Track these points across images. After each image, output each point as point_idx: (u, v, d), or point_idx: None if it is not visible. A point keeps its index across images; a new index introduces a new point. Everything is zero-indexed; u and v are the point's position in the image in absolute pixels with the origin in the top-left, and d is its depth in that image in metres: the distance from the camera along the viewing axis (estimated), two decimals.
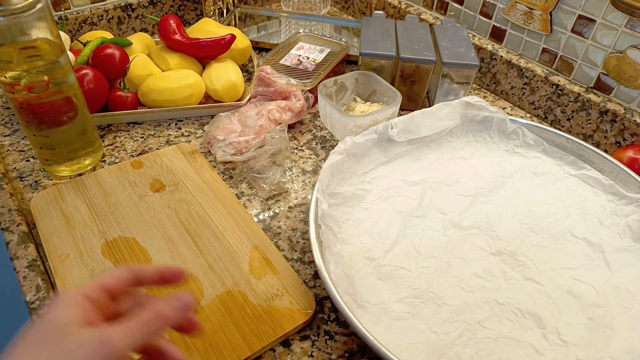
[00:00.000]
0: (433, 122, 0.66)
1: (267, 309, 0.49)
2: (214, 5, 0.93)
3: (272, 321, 0.48)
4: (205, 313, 0.48)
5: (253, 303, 0.49)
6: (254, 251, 0.55)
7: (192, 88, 0.74)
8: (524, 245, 0.56)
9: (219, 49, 0.78)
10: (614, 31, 0.69)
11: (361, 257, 0.53)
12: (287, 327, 0.48)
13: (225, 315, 0.48)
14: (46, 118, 0.58)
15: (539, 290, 0.51)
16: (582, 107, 0.75)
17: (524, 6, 0.78)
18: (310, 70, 0.80)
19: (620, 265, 0.54)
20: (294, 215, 0.62)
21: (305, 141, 0.74)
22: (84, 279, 0.50)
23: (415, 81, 0.78)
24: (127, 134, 0.73)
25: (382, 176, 0.63)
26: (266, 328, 0.47)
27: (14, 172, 0.65)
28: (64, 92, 0.57)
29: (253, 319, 0.48)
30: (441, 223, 0.58)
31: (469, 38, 0.80)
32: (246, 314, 0.48)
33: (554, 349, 0.46)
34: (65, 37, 0.75)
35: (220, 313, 0.48)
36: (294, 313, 0.49)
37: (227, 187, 0.63)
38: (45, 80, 0.55)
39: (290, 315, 0.49)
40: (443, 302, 0.49)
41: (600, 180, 0.63)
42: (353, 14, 1.10)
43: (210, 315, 0.48)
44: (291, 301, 0.50)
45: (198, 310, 0.48)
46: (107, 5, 0.90)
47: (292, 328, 0.48)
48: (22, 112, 0.57)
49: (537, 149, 0.68)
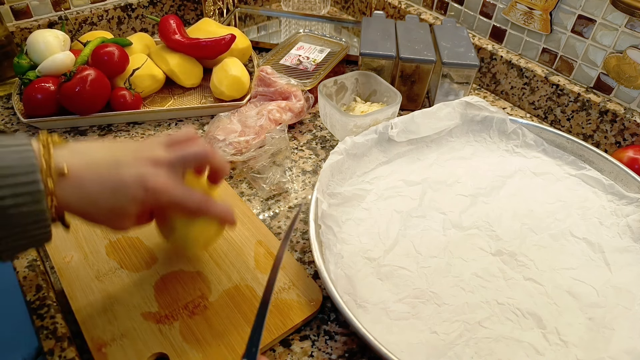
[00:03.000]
0: (433, 122, 0.66)
1: (275, 302, 0.49)
2: (214, 5, 0.93)
3: (280, 314, 0.48)
4: (214, 308, 0.48)
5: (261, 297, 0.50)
6: (258, 246, 0.55)
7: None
8: (524, 245, 0.56)
9: (219, 49, 0.78)
10: (614, 31, 0.69)
11: (361, 257, 0.53)
12: (296, 319, 0.48)
13: (235, 310, 0.48)
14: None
15: (539, 290, 0.51)
16: (582, 107, 0.75)
17: (524, 6, 0.78)
18: (310, 70, 0.80)
19: (620, 265, 0.54)
20: (294, 215, 0.62)
21: (305, 141, 0.74)
22: (91, 279, 0.50)
23: (415, 81, 0.78)
24: (127, 134, 0.73)
25: (382, 176, 0.63)
26: (275, 321, 0.48)
27: None
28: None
29: None
30: (441, 223, 0.58)
31: (469, 38, 0.80)
32: (255, 308, 0.49)
33: (554, 349, 0.46)
34: (65, 37, 0.75)
35: (229, 308, 0.49)
36: (301, 305, 0.49)
37: (227, 184, 0.63)
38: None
39: (298, 307, 0.49)
40: (443, 302, 0.49)
41: (600, 180, 0.63)
42: (353, 14, 1.10)
43: (220, 311, 0.48)
44: (298, 294, 0.50)
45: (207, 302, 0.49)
46: (107, 5, 0.90)
47: (301, 320, 0.48)
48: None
49: (537, 149, 0.68)
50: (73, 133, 0.72)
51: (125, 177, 0.38)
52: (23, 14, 0.84)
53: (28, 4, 0.83)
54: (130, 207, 0.39)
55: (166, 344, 0.45)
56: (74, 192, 0.36)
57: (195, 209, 0.42)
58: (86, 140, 0.71)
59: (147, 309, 0.48)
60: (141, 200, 0.39)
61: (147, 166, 0.39)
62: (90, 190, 0.37)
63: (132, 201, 0.38)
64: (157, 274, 0.51)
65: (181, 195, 0.40)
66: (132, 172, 0.38)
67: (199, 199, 0.42)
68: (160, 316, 0.47)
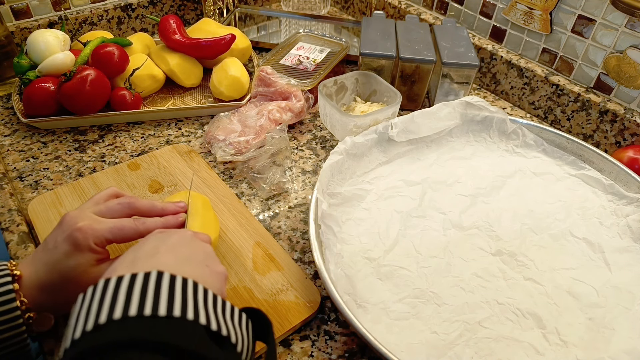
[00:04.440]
0: (433, 122, 0.66)
1: (273, 304, 0.49)
2: (214, 5, 0.93)
3: (279, 315, 0.48)
4: None
5: (259, 298, 0.50)
6: (256, 248, 0.55)
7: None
8: (524, 245, 0.56)
9: (219, 49, 0.78)
10: (614, 31, 0.69)
11: (361, 257, 0.53)
12: (294, 320, 0.48)
13: None
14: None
15: (539, 290, 0.51)
16: (582, 107, 0.75)
17: (524, 6, 0.78)
18: (310, 70, 0.80)
19: (620, 265, 0.54)
20: (294, 215, 0.62)
21: (305, 141, 0.74)
22: None
23: (415, 81, 0.78)
24: (127, 134, 0.73)
25: (382, 176, 0.63)
26: (273, 322, 0.47)
27: (14, 172, 0.65)
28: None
29: None
30: (441, 223, 0.58)
31: (469, 38, 0.80)
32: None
33: (554, 349, 0.46)
34: (65, 37, 0.75)
35: None
36: (299, 307, 0.49)
37: (225, 186, 0.63)
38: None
39: (296, 309, 0.49)
40: (443, 302, 0.49)
41: (600, 180, 0.63)
42: (353, 14, 1.10)
43: None
44: (296, 295, 0.50)
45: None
46: (107, 5, 0.90)
47: (299, 321, 0.48)
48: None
49: (537, 149, 0.68)
50: (73, 133, 0.72)
51: (59, 244, 0.42)
52: (23, 14, 0.84)
53: (28, 4, 0.83)
54: (75, 263, 0.41)
55: None
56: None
57: (134, 234, 0.44)
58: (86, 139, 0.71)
59: None
60: (78, 251, 0.41)
61: (73, 224, 0.42)
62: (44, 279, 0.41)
63: (71, 257, 0.41)
64: None
65: (109, 227, 0.43)
66: (61, 237, 0.42)
67: (129, 224, 0.44)
68: None
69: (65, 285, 0.41)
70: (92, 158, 0.68)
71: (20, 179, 0.64)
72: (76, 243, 0.41)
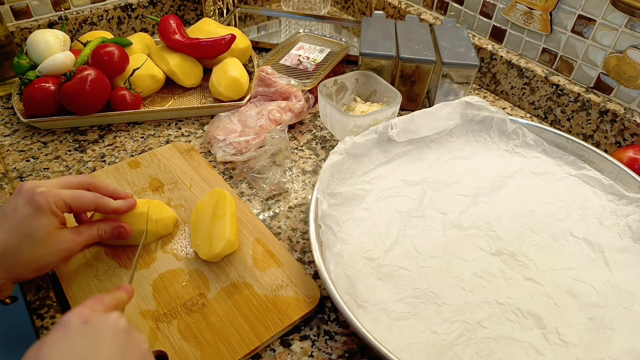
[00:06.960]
0: (433, 122, 0.66)
1: (273, 300, 0.49)
2: (214, 5, 0.93)
3: (278, 311, 0.48)
4: (212, 306, 0.49)
5: (259, 294, 0.50)
6: (256, 244, 0.55)
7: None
8: (524, 245, 0.56)
9: (219, 49, 0.78)
10: (614, 31, 0.69)
11: (361, 257, 0.53)
12: (294, 316, 0.48)
13: (232, 307, 0.49)
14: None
15: (539, 290, 0.51)
16: (582, 107, 0.75)
17: (524, 6, 0.78)
18: (310, 70, 0.80)
19: (620, 265, 0.54)
20: (294, 215, 0.62)
21: (305, 141, 0.74)
22: (90, 279, 0.51)
23: (415, 81, 0.78)
24: (127, 134, 0.73)
25: (382, 176, 0.63)
26: (273, 318, 0.48)
27: (14, 172, 0.65)
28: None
29: (260, 309, 0.48)
30: (441, 223, 0.58)
31: (469, 38, 0.80)
32: (253, 305, 0.49)
33: (554, 349, 0.46)
34: (65, 37, 0.75)
35: (227, 305, 0.49)
36: (299, 302, 0.49)
37: (225, 183, 0.63)
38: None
39: (296, 304, 0.49)
40: (443, 302, 0.49)
41: (600, 180, 0.63)
42: (353, 14, 1.10)
43: (217, 308, 0.48)
44: (296, 291, 0.50)
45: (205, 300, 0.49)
46: (107, 5, 0.90)
47: (299, 317, 0.48)
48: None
49: (537, 149, 0.68)
50: (73, 133, 0.72)
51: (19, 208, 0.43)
52: (23, 14, 0.84)
53: (28, 4, 0.83)
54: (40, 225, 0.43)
55: (165, 342, 0.45)
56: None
57: (90, 204, 0.48)
58: (86, 139, 0.71)
59: (145, 307, 0.48)
60: (41, 213, 0.43)
61: (33, 189, 0.45)
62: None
63: (35, 218, 0.43)
64: (156, 272, 0.52)
65: (69, 193, 0.46)
66: (22, 201, 0.44)
67: (88, 194, 0.48)
68: (158, 314, 0.48)
69: (32, 247, 0.43)
70: (92, 158, 0.68)
71: (21, 179, 0.64)
72: (38, 205, 0.43)
